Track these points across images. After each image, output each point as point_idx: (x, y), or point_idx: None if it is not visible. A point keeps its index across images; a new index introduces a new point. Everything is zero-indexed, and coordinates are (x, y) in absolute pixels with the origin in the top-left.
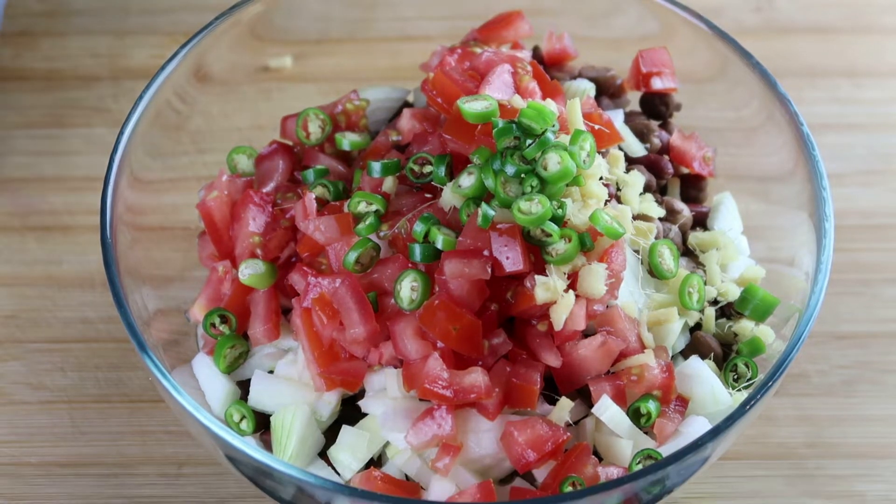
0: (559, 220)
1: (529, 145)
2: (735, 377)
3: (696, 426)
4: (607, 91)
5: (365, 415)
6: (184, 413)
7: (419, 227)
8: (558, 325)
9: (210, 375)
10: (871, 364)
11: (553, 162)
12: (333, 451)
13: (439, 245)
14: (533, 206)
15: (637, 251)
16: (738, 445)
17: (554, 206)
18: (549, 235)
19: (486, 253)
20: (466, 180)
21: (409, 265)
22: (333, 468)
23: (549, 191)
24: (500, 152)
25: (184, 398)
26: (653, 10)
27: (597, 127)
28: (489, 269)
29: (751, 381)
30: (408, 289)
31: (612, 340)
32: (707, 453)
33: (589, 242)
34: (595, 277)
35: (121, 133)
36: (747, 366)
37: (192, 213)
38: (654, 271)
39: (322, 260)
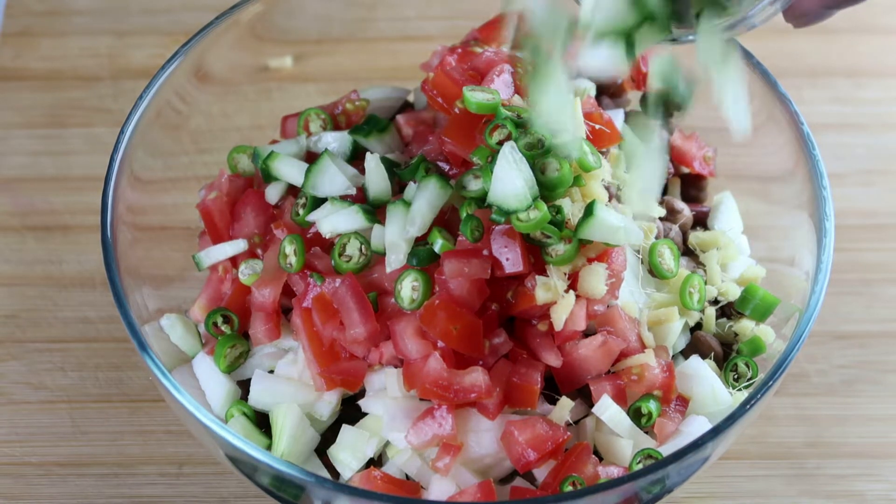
0: (560, 224)
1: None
2: (735, 377)
3: (697, 426)
4: (608, 91)
5: (365, 414)
6: (184, 413)
7: None
8: (558, 325)
9: (210, 375)
10: (871, 364)
11: (552, 168)
12: (333, 451)
13: (437, 249)
14: (531, 213)
15: (637, 251)
16: (738, 445)
17: (552, 211)
18: (550, 237)
19: (485, 252)
20: (473, 184)
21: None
22: (333, 467)
23: (547, 194)
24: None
25: (184, 398)
26: None
27: (597, 126)
28: (489, 269)
29: (751, 381)
30: (408, 288)
31: (613, 340)
32: (707, 453)
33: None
34: (595, 278)
35: (121, 133)
36: (747, 365)
37: (192, 213)
38: (654, 271)
39: None
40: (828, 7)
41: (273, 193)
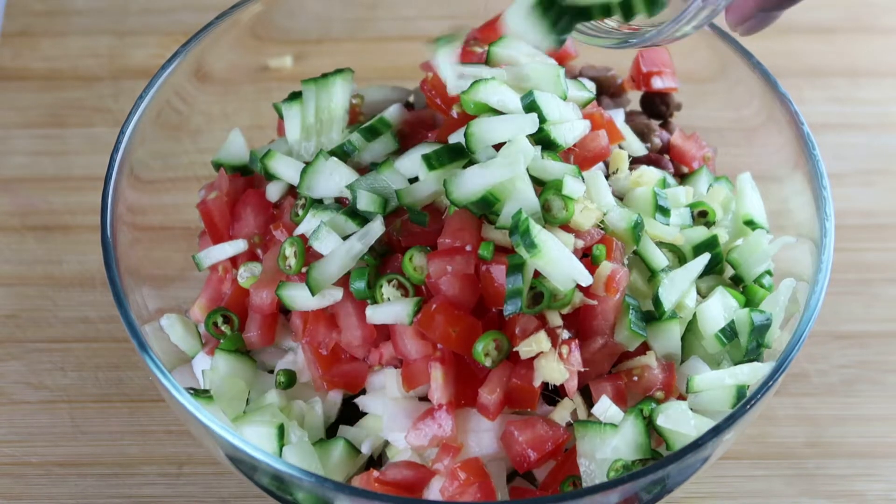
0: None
1: None
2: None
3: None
4: (608, 91)
5: (364, 413)
6: (184, 413)
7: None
8: (541, 377)
9: None
10: (871, 364)
11: (557, 206)
12: None
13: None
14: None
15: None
16: (738, 445)
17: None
18: None
19: (468, 248)
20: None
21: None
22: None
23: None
24: None
25: (184, 398)
26: None
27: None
28: (472, 264)
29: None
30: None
31: (613, 342)
32: (707, 453)
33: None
34: (556, 370)
35: (121, 133)
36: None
37: (192, 213)
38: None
39: None
40: (765, 9)
41: (273, 191)
